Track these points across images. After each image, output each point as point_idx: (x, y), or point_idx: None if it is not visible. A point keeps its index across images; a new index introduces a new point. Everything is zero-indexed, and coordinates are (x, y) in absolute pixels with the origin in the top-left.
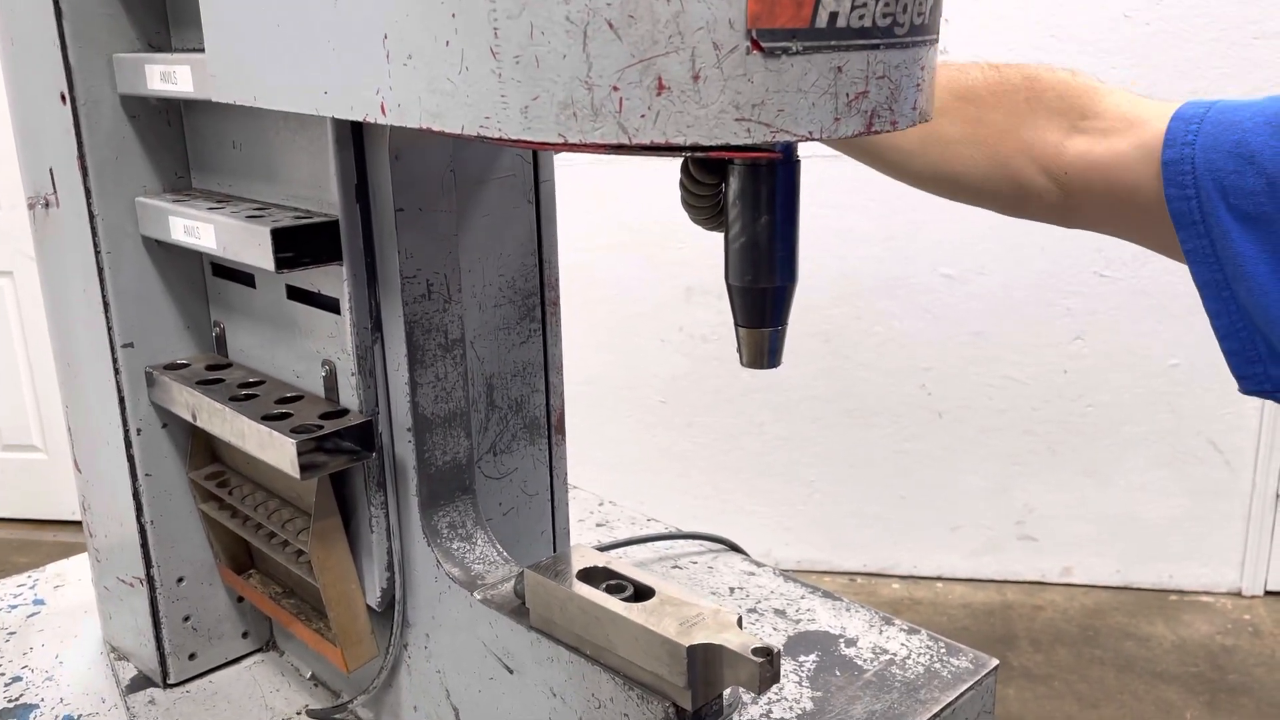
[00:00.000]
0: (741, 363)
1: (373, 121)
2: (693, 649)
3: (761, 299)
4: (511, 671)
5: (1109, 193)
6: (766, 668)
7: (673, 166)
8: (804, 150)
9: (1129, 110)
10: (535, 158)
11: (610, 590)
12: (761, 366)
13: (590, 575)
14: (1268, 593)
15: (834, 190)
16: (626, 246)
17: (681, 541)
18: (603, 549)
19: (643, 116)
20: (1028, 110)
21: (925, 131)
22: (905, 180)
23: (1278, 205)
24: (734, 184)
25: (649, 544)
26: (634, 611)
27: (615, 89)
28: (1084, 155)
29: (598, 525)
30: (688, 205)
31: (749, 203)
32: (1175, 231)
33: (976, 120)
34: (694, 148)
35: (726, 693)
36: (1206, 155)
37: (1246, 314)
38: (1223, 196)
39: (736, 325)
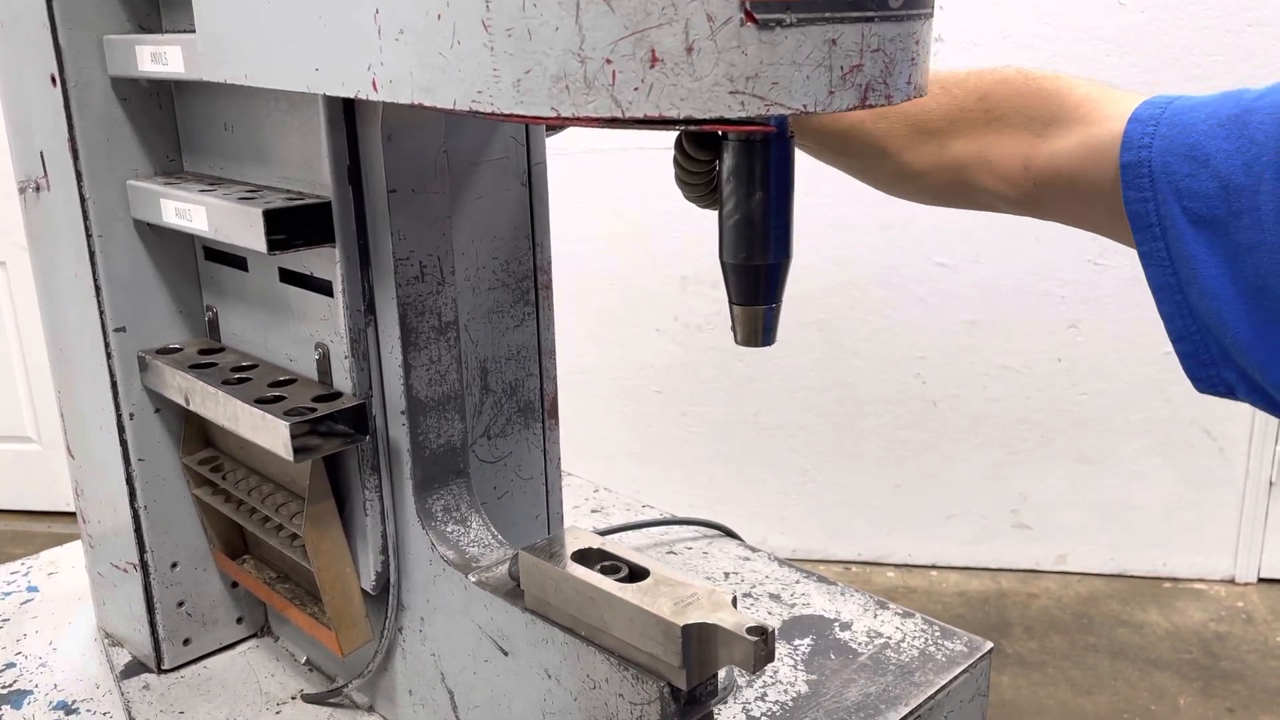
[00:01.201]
0: (736, 340)
1: (364, 98)
2: (687, 628)
3: (756, 276)
4: (506, 654)
5: (1071, 190)
6: (761, 646)
7: (667, 157)
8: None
9: (1088, 108)
10: (528, 140)
11: (605, 571)
12: (756, 344)
13: (585, 556)
14: (1261, 580)
15: (828, 179)
16: (621, 236)
17: (677, 527)
18: (598, 534)
19: (636, 89)
20: (989, 132)
21: (894, 169)
22: (862, 182)
23: (1229, 207)
24: (728, 160)
25: (644, 530)
26: (628, 592)
27: (608, 61)
28: (1050, 163)
29: (593, 511)
30: (682, 183)
31: (743, 179)
32: (1131, 231)
33: (939, 153)
34: (687, 121)
35: (721, 674)
36: (1163, 158)
37: (1199, 317)
38: (1178, 199)
39: (731, 303)
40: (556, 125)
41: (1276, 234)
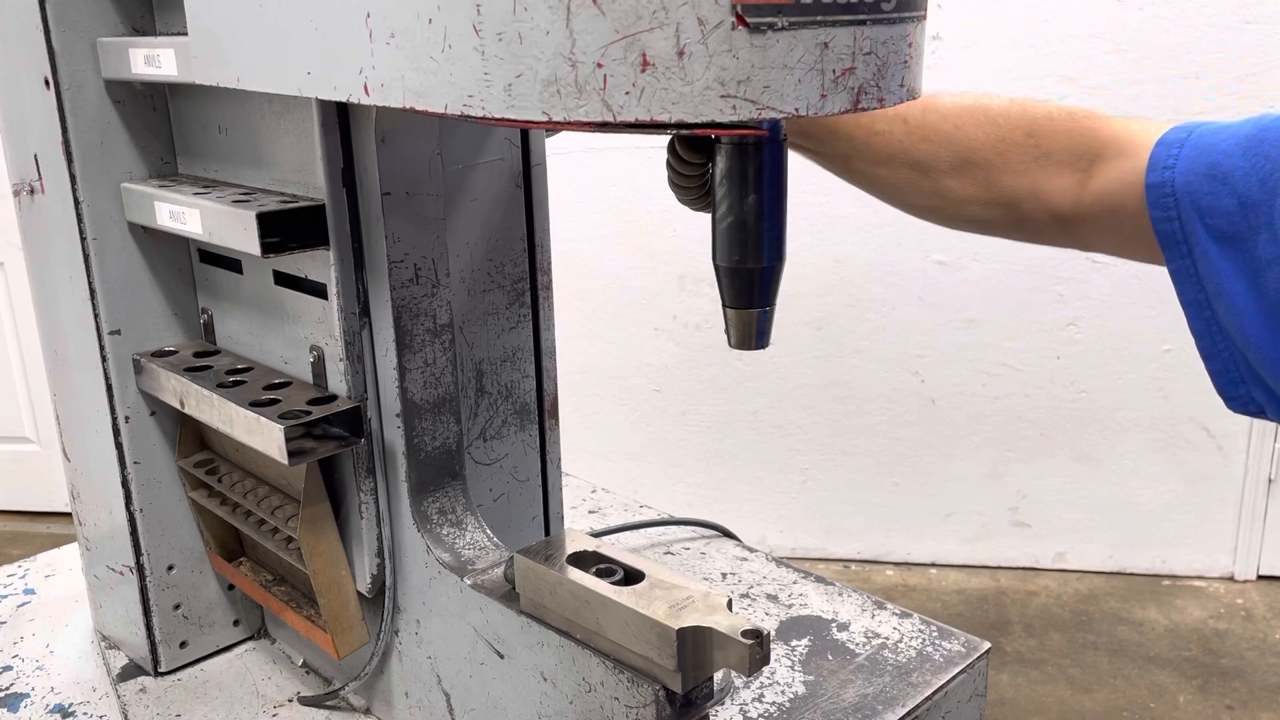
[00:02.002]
0: (730, 344)
1: (356, 102)
2: (682, 632)
3: (749, 279)
4: (502, 656)
5: (1114, 220)
6: (756, 649)
7: (664, 156)
8: None
9: (1124, 141)
10: (525, 141)
11: (600, 574)
12: (749, 347)
13: (580, 559)
14: (1260, 577)
15: (826, 176)
16: (619, 235)
17: (674, 528)
18: (595, 535)
19: (627, 94)
20: (1038, 168)
21: (935, 191)
22: (895, 206)
23: (1249, 223)
24: (721, 163)
25: (641, 530)
26: (624, 595)
27: (599, 66)
28: (1097, 199)
29: (590, 512)
30: (675, 185)
31: (735, 182)
32: (1161, 251)
33: (986, 183)
34: (679, 125)
35: (718, 676)
36: (1185, 178)
37: (1227, 334)
38: (1200, 217)
39: (724, 306)
40: (550, 128)
41: None
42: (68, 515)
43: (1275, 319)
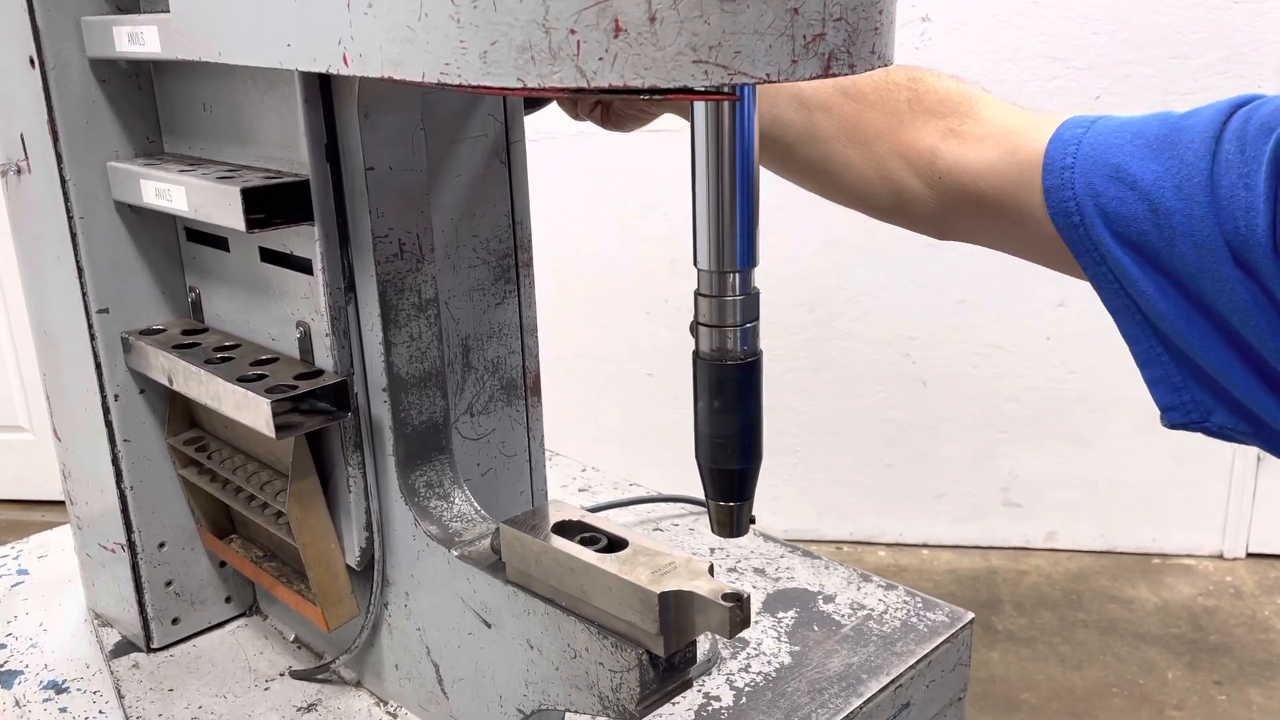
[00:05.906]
0: (711, 531)
1: (335, 73)
2: (664, 595)
3: (729, 478)
4: (489, 626)
5: (979, 202)
6: (736, 612)
7: (656, 140)
8: None
9: (1005, 119)
10: (506, 117)
11: (584, 542)
12: (729, 536)
13: (565, 528)
14: (1249, 555)
15: None
16: (610, 219)
17: (663, 505)
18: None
19: (600, 59)
20: (907, 110)
21: (806, 125)
22: (786, 175)
23: (1162, 233)
24: (700, 376)
25: (630, 507)
26: (607, 561)
27: (573, 32)
28: (957, 160)
29: (580, 490)
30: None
31: (714, 395)
32: (1073, 256)
33: (857, 117)
34: (652, 90)
35: (705, 647)
36: (1086, 179)
37: (1163, 337)
38: (1106, 223)
39: (706, 498)
40: (531, 99)
41: (1214, 259)
42: (62, 504)
43: (1211, 326)
